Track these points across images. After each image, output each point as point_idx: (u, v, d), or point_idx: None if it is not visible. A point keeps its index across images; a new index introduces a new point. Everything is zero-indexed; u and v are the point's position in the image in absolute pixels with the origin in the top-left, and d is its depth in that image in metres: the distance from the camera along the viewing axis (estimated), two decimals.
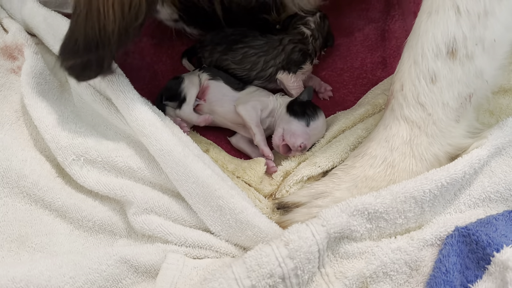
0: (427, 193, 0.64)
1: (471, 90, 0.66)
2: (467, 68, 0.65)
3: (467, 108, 0.67)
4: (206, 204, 0.68)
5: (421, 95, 0.66)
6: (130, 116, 0.74)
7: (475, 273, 0.61)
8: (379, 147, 0.70)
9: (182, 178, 0.70)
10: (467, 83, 0.65)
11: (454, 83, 0.65)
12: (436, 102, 0.66)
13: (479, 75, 0.65)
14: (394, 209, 0.64)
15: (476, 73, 0.65)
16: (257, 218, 0.67)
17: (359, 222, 0.63)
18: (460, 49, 0.63)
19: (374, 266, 0.62)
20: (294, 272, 0.60)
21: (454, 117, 0.67)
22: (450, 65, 0.64)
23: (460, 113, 0.67)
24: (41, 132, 0.78)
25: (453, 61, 0.64)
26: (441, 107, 0.66)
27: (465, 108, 0.67)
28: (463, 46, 0.63)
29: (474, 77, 0.65)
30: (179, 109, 0.86)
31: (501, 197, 0.69)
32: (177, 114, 0.86)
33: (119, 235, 0.75)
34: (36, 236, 0.74)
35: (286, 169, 0.80)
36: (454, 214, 0.69)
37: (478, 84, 0.66)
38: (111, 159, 0.75)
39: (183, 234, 0.69)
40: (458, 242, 0.62)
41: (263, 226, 0.66)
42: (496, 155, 0.71)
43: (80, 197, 0.76)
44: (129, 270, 0.66)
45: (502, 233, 0.62)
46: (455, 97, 0.66)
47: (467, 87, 0.66)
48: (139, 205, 0.71)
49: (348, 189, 0.70)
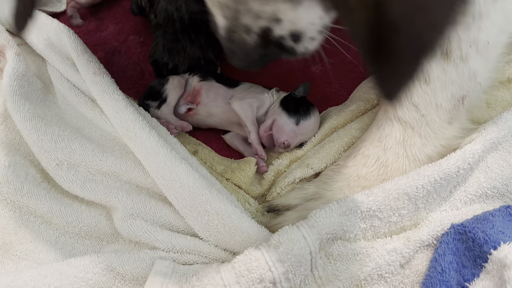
0: (420, 189, 0.63)
1: (464, 92, 0.66)
2: (461, 70, 0.64)
3: (460, 109, 0.66)
4: (193, 208, 0.66)
5: (414, 96, 0.65)
6: (115, 118, 0.73)
7: (472, 272, 0.59)
8: (372, 147, 0.69)
9: (168, 182, 0.68)
10: (461, 85, 0.65)
11: (447, 85, 0.64)
12: (430, 103, 0.65)
13: (473, 77, 0.65)
14: (387, 207, 0.62)
15: (470, 75, 0.64)
16: (245, 223, 0.64)
17: (352, 222, 0.61)
18: (454, 51, 0.63)
19: (368, 268, 0.60)
20: (285, 276, 0.58)
21: (447, 119, 0.66)
22: (444, 67, 0.64)
23: (453, 114, 0.66)
24: (24, 136, 0.76)
25: (447, 63, 0.64)
26: (435, 108, 0.65)
27: (458, 109, 0.66)
28: (457, 47, 0.63)
29: (468, 79, 0.65)
30: (158, 110, 0.84)
31: (497, 193, 0.68)
32: (157, 114, 0.84)
33: (106, 240, 0.73)
34: (20, 243, 0.72)
35: (277, 168, 0.78)
36: (450, 211, 0.67)
37: (471, 86, 0.66)
38: (95, 163, 0.73)
39: (170, 239, 0.67)
40: (454, 240, 0.61)
41: (252, 231, 0.64)
42: (492, 150, 0.70)
43: (65, 203, 0.74)
44: (115, 278, 0.63)
45: (499, 230, 0.60)
46: (448, 98, 0.65)
47: (461, 89, 0.65)
48: (125, 210, 0.68)
49: (340, 188, 0.69)
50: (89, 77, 0.76)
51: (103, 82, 0.76)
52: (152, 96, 0.86)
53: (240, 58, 0.57)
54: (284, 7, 0.49)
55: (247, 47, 0.54)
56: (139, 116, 0.72)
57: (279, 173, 0.78)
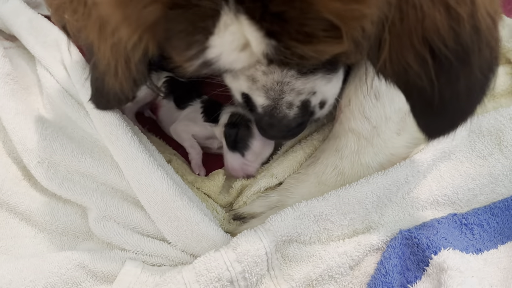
0: (369, 195, 0.68)
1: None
2: None
3: (407, 121, 0.71)
4: (164, 214, 0.69)
5: (366, 109, 0.70)
6: (100, 120, 0.75)
7: (415, 274, 0.64)
8: (330, 156, 0.73)
9: (143, 186, 0.70)
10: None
11: (394, 99, 0.68)
12: (380, 116, 0.69)
13: None
14: (339, 211, 0.67)
15: None
16: (212, 231, 0.68)
17: (305, 225, 0.66)
18: None
19: (320, 270, 0.65)
20: (242, 275, 0.63)
21: (395, 130, 0.71)
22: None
23: (401, 126, 0.71)
24: (9, 133, 0.79)
25: None
26: (384, 120, 0.70)
27: (405, 121, 0.71)
28: None
29: None
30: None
31: (448, 200, 0.73)
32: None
33: (81, 238, 0.77)
34: (1, 239, 0.76)
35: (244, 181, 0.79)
36: (403, 216, 0.72)
37: None
38: (74, 164, 0.76)
39: (140, 243, 0.70)
40: (401, 244, 0.66)
41: (217, 238, 0.67)
42: (444, 159, 0.74)
43: (43, 201, 0.77)
44: (87, 275, 0.68)
45: (442, 236, 0.65)
46: (396, 111, 0.69)
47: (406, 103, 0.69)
48: (99, 212, 0.72)
49: (302, 195, 0.73)
50: (80, 82, 0.79)
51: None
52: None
53: (279, 130, 0.62)
54: (321, 83, 0.58)
55: (287, 120, 0.60)
56: (123, 121, 0.75)
57: (245, 185, 0.80)
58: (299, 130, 0.66)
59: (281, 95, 0.57)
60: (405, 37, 0.45)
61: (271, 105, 0.59)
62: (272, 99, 0.58)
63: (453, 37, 0.44)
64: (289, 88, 0.57)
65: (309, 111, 0.61)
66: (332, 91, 0.63)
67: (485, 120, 0.77)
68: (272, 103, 0.59)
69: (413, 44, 0.45)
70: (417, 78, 0.47)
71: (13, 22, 0.90)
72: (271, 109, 0.59)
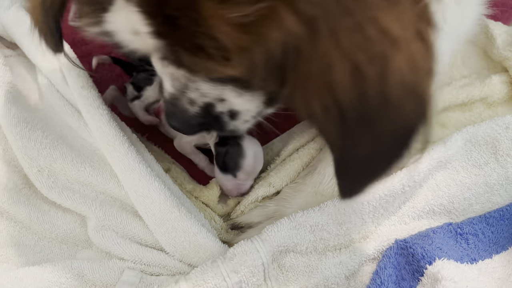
0: (365, 205, 0.68)
1: None
2: None
3: None
4: (161, 225, 0.70)
5: None
6: (98, 131, 0.76)
7: (410, 284, 0.65)
8: (327, 166, 0.74)
9: (140, 197, 0.71)
10: None
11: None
12: None
13: None
14: (335, 221, 0.68)
15: None
16: (210, 242, 0.68)
17: (301, 235, 0.67)
18: None
19: (316, 280, 0.65)
20: (239, 285, 0.64)
21: None
22: None
23: None
24: (10, 141, 0.80)
25: None
26: None
27: None
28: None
29: None
30: (131, 102, 0.86)
31: (444, 210, 0.73)
32: (130, 106, 0.86)
33: (81, 246, 0.77)
34: (1, 248, 0.76)
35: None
36: (399, 226, 0.72)
37: None
38: (74, 173, 0.77)
39: (138, 253, 0.71)
40: (396, 254, 0.66)
41: (215, 249, 0.68)
42: (441, 169, 0.75)
43: (43, 209, 0.78)
44: (86, 284, 0.68)
45: (437, 246, 0.66)
46: None
47: None
48: (98, 221, 0.73)
49: (299, 205, 0.73)
50: (77, 91, 0.79)
51: (90, 96, 0.78)
52: (134, 85, 0.88)
53: (178, 121, 0.60)
54: (231, 94, 0.55)
55: (187, 115, 0.58)
56: (120, 131, 0.75)
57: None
58: (201, 130, 0.62)
59: (185, 89, 0.55)
60: (311, 81, 0.41)
61: (176, 95, 0.57)
62: (177, 89, 0.56)
63: (358, 96, 0.40)
64: (194, 87, 0.54)
65: (213, 115, 0.58)
66: (245, 106, 0.58)
67: (481, 129, 0.78)
68: (177, 93, 0.56)
69: (318, 90, 0.41)
70: (325, 130, 0.44)
71: (15, 30, 0.90)
72: (175, 99, 0.57)
